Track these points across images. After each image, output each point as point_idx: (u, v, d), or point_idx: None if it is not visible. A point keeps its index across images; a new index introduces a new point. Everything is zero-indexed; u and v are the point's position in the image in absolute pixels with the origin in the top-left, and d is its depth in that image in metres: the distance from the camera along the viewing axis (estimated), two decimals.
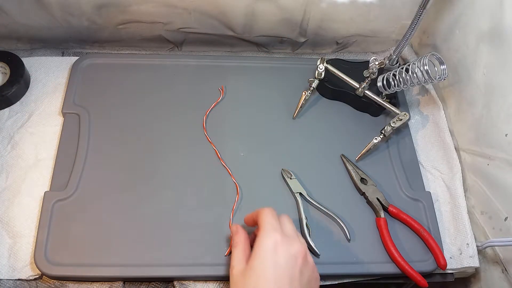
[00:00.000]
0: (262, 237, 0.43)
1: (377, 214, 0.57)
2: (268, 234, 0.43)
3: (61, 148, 0.60)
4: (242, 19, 0.68)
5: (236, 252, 0.45)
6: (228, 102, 0.66)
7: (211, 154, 0.61)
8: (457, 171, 0.62)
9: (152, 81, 0.67)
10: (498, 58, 0.54)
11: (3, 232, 0.54)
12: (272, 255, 0.42)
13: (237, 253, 0.45)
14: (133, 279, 0.52)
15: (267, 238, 0.43)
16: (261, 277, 0.41)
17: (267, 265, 0.41)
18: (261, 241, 0.43)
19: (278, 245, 0.42)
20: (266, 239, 0.43)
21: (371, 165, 0.61)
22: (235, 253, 0.45)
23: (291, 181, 0.58)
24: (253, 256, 0.43)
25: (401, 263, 0.53)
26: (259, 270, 0.41)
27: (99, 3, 0.63)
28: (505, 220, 0.53)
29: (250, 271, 0.42)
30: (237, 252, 0.45)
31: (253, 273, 0.41)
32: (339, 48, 0.77)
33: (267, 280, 0.40)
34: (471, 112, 0.61)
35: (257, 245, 0.43)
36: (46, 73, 0.68)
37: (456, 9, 0.63)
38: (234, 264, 0.44)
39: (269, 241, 0.42)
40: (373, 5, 0.66)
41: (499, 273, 0.55)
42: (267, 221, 0.44)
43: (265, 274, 0.41)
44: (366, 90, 0.63)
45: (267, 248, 0.42)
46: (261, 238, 0.43)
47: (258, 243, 0.43)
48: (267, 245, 0.42)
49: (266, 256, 0.42)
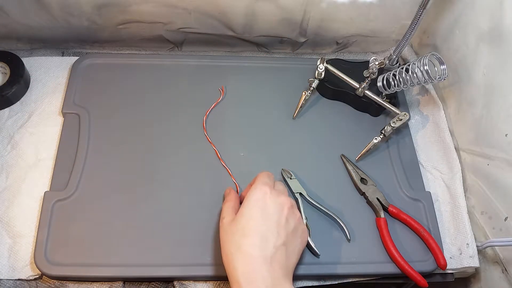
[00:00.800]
0: (252, 189, 0.47)
1: (377, 214, 0.57)
2: (259, 186, 0.46)
3: (61, 148, 0.60)
4: (242, 19, 0.68)
5: (226, 206, 0.49)
6: (228, 102, 0.66)
7: (211, 154, 0.61)
8: (457, 171, 0.62)
9: (152, 81, 0.67)
10: (498, 58, 0.54)
11: (3, 232, 0.54)
12: (261, 203, 0.45)
13: (226, 207, 0.48)
14: (133, 279, 0.52)
15: (257, 189, 0.46)
16: (250, 220, 0.44)
17: (255, 210, 0.45)
18: (251, 192, 0.46)
19: (267, 196, 0.46)
20: (256, 190, 0.46)
21: (371, 165, 0.61)
22: (225, 207, 0.48)
23: (291, 181, 0.58)
24: (242, 205, 0.46)
25: (401, 263, 0.53)
26: (247, 215, 0.45)
27: (99, 3, 0.63)
28: (505, 220, 0.53)
29: (239, 217, 0.45)
30: (227, 206, 0.48)
31: (242, 219, 0.45)
32: (339, 48, 0.77)
33: (255, 224, 0.44)
34: (471, 112, 0.61)
35: (247, 196, 0.46)
36: (46, 73, 0.68)
37: (456, 9, 0.63)
38: (224, 215, 0.47)
39: (259, 191, 0.46)
40: (373, 5, 0.66)
41: (499, 273, 0.55)
42: (260, 178, 0.48)
43: (253, 218, 0.44)
44: (366, 90, 0.63)
45: (257, 198, 0.46)
46: (252, 190, 0.47)
47: (248, 194, 0.46)
48: (257, 194, 0.46)
49: (254, 204, 0.45)
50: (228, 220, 0.46)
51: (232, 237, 0.44)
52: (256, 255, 0.41)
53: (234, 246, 0.43)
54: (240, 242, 0.43)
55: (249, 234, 0.43)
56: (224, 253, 0.44)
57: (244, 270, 0.41)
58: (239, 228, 0.44)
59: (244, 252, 0.42)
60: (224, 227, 0.46)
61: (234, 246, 0.43)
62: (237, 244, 0.43)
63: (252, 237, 0.43)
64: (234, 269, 0.41)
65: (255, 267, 0.41)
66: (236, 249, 0.42)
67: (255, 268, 0.41)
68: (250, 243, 0.42)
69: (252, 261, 0.41)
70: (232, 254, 0.42)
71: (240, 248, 0.42)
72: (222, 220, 0.47)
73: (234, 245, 0.43)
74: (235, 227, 0.44)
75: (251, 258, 0.41)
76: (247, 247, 0.42)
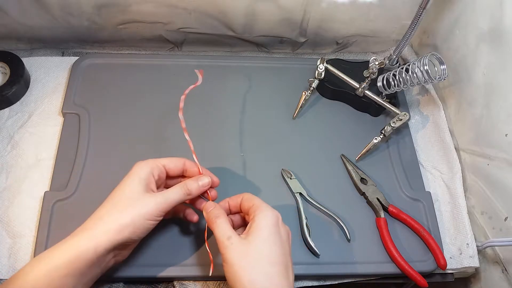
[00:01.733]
0: (266, 211, 0.44)
1: (377, 214, 0.57)
2: (271, 210, 0.44)
3: (61, 148, 0.60)
4: (242, 19, 0.68)
5: (221, 223, 0.44)
6: (228, 102, 0.66)
7: (211, 154, 0.61)
8: (457, 171, 0.62)
9: (152, 81, 0.67)
10: (498, 58, 0.54)
11: (3, 232, 0.54)
12: (277, 229, 0.43)
13: (222, 224, 0.44)
14: (133, 279, 0.52)
15: (271, 213, 0.44)
16: (273, 247, 0.42)
17: (276, 237, 0.42)
18: (267, 214, 0.43)
19: (279, 221, 0.44)
20: (272, 213, 0.44)
21: (371, 165, 0.61)
22: (221, 224, 0.44)
23: (291, 181, 0.58)
24: (259, 228, 0.42)
25: (401, 263, 0.53)
26: (270, 241, 0.42)
27: (99, 3, 0.63)
28: (505, 220, 0.53)
29: (261, 243, 0.42)
30: (223, 223, 0.44)
31: (264, 244, 0.42)
32: (339, 48, 0.77)
33: (279, 252, 0.42)
34: (471, 112, 0.61)
35: (262, 218, 0.43)
36: (46, 73, 0.68)
37: (456, 9, 0.63)
38: (227, 234, 0.43)
39: (273, 217, 0.44)
40: (373, 5, 0.66)
41: (499, 273, 0.55)
42: (262, 201, 0.46)
43: (276, 245, 0.42)
44: (366, 90, 0.63)
45: (274, 223, 0.43)
46: (265, 211, 0.44)
47: (263, 216, 0.43)
48: (274, 219, 0.43)
49: (274, 230, 0.43)
50: (237, 241, 0.42)
51: (256, 264, 0.41)
52: (285, 285, 0.41)
53: (262, 275, 0.40)
54: (269, 270, 0.41)
55: (276, 262, 0.41)
56: (245, 279, 0.40)
57: None
58: (263, 255, 0.41)
59: (276, 283, 0.40)
60: (237, 249, 0.41)
61: (262, 275, 0.40)
62: (266, 273, 0.41)
63: (280, 266, 0.41)
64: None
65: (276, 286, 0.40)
66: (265, 278, 0.40)
67: None
68: (279, 272, 0.41)
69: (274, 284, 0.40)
70: (261, 283, 0.40)
71: (271, 278, 0.40)
72: (229, 239, 0.42)
73: (261, 274, 0.40)
74: (256, 253, 0.41)
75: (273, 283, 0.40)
76: (277, 276, 0.41)
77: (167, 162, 0.48)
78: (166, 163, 0.48)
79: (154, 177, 0.47)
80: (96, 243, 0.41)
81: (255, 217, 0.43)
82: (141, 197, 0.44)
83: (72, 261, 0.40)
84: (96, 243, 0.41)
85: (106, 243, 0.41)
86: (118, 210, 0.43)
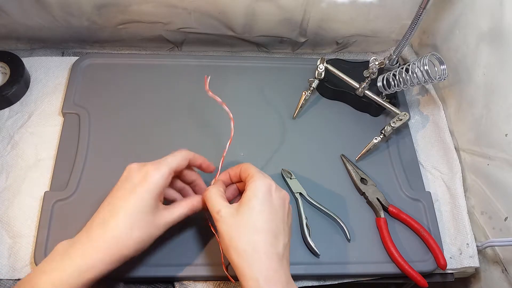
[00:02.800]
0: (258, 180, 0.44)
1: (377, 214, 0.57)
2: (263, 178, 0.44)
3: (61, 148, 0.60)
4: (242, 19, 0.68)
5: (213, 193, 0.45)
6: (228, 102, 0.66)
7: (211, 154, 0.61)
8: (457, 171, 0.62)
9: (152, 81, 0.67)
10: (498, 58, 0.54)
11: (3, 232, 0.54)
12: (268, 197, 0.43)
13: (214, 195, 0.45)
14: (133, 279, 0.52)
15: (262, 181, 0.44)
16: (260, 215, 0.42)
17: (265, 205, 0.43)
18: (257, 184, 0.44)
19: (272, 189, 0.44)
20: (262, 182, 0.44)
21: (371, 165, 0.61)
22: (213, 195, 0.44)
23: (291, 181, 0.58)
24: (247, 197, 0.43)
25: (401, 263, 0.53)
26: (257, 209, 0.42)
27: (99, 3, 0.63)
28: (505, 220, 0.53)
29: (248, 211, 0.42)
30: (215, 194, 0.45)
31: (251, 213, 0.42)
32: (339, 48, 0.77)
33: (266, 220, 0.42)
34: (471, 112, 0.61)
35: (253, 187, 0.43)
36: (46, 73, 0.68)
37: (456, 9, 0.63)
38: (217, 207, 0.43)
39: (264, 184, 0.44)
40: (373, 5, 0.66)
41: (499, 273, 0.55)
42: (257, 170, 0.46)
43: (263, 213, 0.42)
44: (366, 90, 0.63)
45: (264, 190, 0.43)
46: (257, 181, 0.44)
47: (253, 185, 0.44)
48: (264, 187, 0.44)
49: (263, 198, 0.43)
50: (227, 212, 0.43)
51: (243, 234, 0.41)
52: (271, 253, 0.41)
53: (248, 244, 0.41)
54: (254, 239, 0.41)
55: (262, 231, 0.42)
56: (232, 249, 0.41)
57: (261, 268, 0.40)
58: (249, 224, 0.42)
59: (260, 251, 0.41)
60: (227, 221, 0.42)
61: (248, 244, 0.41)
62: (251, 242, 0.41)
63: (266, 234, 0.41)
64: (249, 267, 0.40)
65: (271, 265, 0.40)
66: (251, 247, 0.41)
67: (272, 266, 0.40)
68: (265, 241, 0.41)
69: (268, 260, 0.41)
70: (246, 252, 0.41)
71: (256, 247, 0.41)
72: (218, 213, 0.43)
73: (248, 243, 0.41)
74: (243, 222, 0.42)
75: (267, 256, 0.41)
76: (263, 245, 0.41)
77: (177, 165, 0.46)
78: (176, 167, 0.46)
79: (165, 187, 0.45)
80: (110, 264, 0.41)
81: (247, 187, 0.44)
82: (155, 219, 0.43)
83: (88, 280, 0.40)
84: (111, 263, 0.41)
85: (116, 264, 0.42)
86: (135, 233, 0.42)
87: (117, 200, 0.43)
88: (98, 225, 0.42)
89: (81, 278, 0.40)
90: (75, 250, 0.41)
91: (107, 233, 0.41)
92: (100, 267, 0.40)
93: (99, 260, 0.40)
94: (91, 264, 0.40)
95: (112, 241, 0.41)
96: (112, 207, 0.43)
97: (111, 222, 0.42)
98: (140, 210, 0.42)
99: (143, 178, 0.43)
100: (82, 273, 0.40)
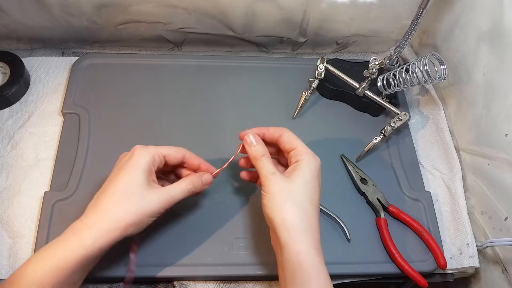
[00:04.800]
0: (311, 157, 0.46)
1: (377, 214, 0.57)
2: (315, 157, 0.46)
3: (61, 148, 0.60)
4: (242, 19, 0.68)
5: (266, 160, 0.46)
6: (228, 102, 0.66)
7: (211, 154, 0.61)
8: (457, 171, 0.62)
9: (152, 81, 0.67)
10: (498, 58, 0.54)
11: (3, 232, 0.54)
12: (319, 176, 0.46)
13: (269, 161, 0.46)
14: (133, 279, 0.52)
15: (315, 159, 0.46)
16: (314, 189, 0.44)
17: (316, 182, 0.45)
18: (311, 161, 0.45)
19: (320, 167, 0.46)
20: (315, 160, 0.46)
21: (371, 165, 0.61)
22: (267, 161, 0.46)
23: None
24: (303, 171, 0.45)
25: (401, 263, 0.53)
26: (313, 183, 0.45)
27: (99, 3, 0.63)
28: (505, 220, 0.53)
29: (305, 183, 0.44)
30: (267, 159, 0.47)
31: (307, 185, 0.44)
32: (339, 48, 0.77)
33: (317, 195, 0.45)
34: (471, 112, 0.61)
35: (306, 163, 0.45)
36: (46, 73, 0.68)
37: (456, 9, 0.63)
38: (270, 170, 0.45)
39: (317, 162, 0.46)
40: (373, 5, 0.66)
41: (499, 273, 0.55)
42: (304, 144, 0.47)
43: (316, 188, 0.45)
44: (366, 90, 0.63)
45: (317, 168, 0.46)
46: (310, 158, 0.46)
47: (307, 162, 0.45)
48: (317, 165, 0.46)
49: (316, 174, 0.45)
50: (280, 177, 0.44)
51: (297, 199, 0.43)
52: (317, 225, 0.44)
53: (301, 209, 0.42)
54: (308, 207, 0.43)
55: (315, 204, 0.44)
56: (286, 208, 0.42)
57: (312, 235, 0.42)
58: (305, 194, 0.43)
59: (311, 220, 0.43)
60: (281, 183, 0.44)
61: (301, 209, 0.42)
62: (305, 209, 0.43)
63: (317, 208, 0.44)
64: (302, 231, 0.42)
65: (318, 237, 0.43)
66: (304, 213, 0.43)
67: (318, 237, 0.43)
68: (315, 212, 0.44)
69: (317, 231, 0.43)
70: (299, 215, 0.42)
71: (309, 215, 0.43)
72: (273, 175, 0.44)
73: (301, 208, 0.43)
74: (298, 190, 0.43)
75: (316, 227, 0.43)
76: (314, 215, 0.43)
77: (168, 153, 0.48)
78: (166, 154, 0.48)
79: (154, 167, 0.46)
80: (101, 242, 0.42)
81: (300, 162, 0.45)
82: (145, 193, 0.44)
83: (80, 260, 0.41)
84: (102, 242, 0.42)
85: (111, 241, 0.42)
86: (123, 208, 0.43)
87: (107, 181, 0.45)
88: (90, 206, 0.44)
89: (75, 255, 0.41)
90: (68, 231, 0.43)
91: (97, 209, 0.43)
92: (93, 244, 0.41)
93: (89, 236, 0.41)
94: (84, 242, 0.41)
95: (101, 217, 0.42)
96: (103, 187, 0.45)
97: (101, 199, 0.44)
98: (127, 184, 0.44)
99: (130, 156, 0.46)
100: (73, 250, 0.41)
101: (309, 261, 0.40)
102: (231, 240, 0.54)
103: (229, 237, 0.54)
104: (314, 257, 0.41)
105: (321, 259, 0.42)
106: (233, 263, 0.52)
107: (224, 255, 0.53)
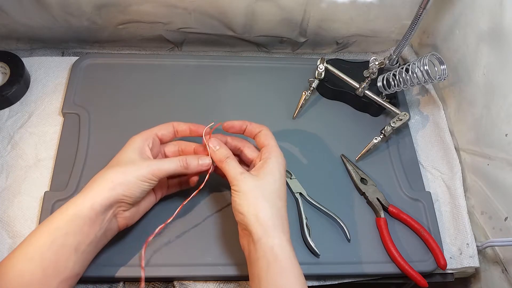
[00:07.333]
0: (280, 157, 0.48)
1: (377, 214, 0.57)
2: (282, 157, 0.49)
3: (61, 148, 0.60)
4: (242, 19, 0.68)
5: (232, 161, 0.48)
6: (228, 102, 0.66)
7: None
8: (457, 171, 0.62)
9: (152, 81, 0.67)
10: (498, 58, 0.54)
11: (3, 232, 0.54)
12: (284, 174, 0.48)
13: (234, 162, 0.48)
14: (133, 279, 0.52)
15: (283, 159, 0.49)
16: (281, 185, 0.47)
17: (283, 180, 0.47)
18: (278, 160, 0.48)
19: (284, 163, 0.49)
20: (282, 160, 0.48)
21: (371, 165, 0.61)
22: (233, 162, 0.48)
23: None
24: (271, 169, 0.47)
25: (401, 263, 0.53)
26: (281, 179, 0.47)
27: (99, 3, 0.63)
28: (505, 220, 0.53)
29: (272, 179, 0.46)
30: (234, 161, 0.48)
31: (276, 181, 0.46)
32: (339, 48, 0.77)
33: (284, 188, 0.47)
34: (471, 112, 0.61)
35: (275, 162, 0.47)
36: (46, 73, 0.68)
37: (456, 9, 0.63)
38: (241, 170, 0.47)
39: (284, 161, 0.49)
40: (373, 5, 0.66)
41: (499, 273, 0.55)
42: (276, 144, 0.50)
43: (283, 183, 0.47)
44: (366, 90, 0.63)
45: (283, 167, 0.48)
46: (279, 157, 0.48)
47: (275, 160, 0.48)
48: (283, 164, 0.48)
49: (282, 170, 0.48)
50: (249, 175, 0.46)
51: (268, 196, 0.45)
52: (286, 218, 0.46)
53: (272, 205, 0.45)
54: (278, 203, 0.45)
55: (284, 199, 0.46)
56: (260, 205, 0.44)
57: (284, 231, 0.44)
58: (274, 190, 0.46)
59: (281, 214, 0.45)
60: (251, 181, 0.45)
61: (272, 205, 0.45)
62: (275, 204, 0.45)
63: (285, 203, 0.46)
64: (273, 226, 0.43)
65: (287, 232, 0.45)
66: (275, 208, 0.45)
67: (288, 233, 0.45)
68: (284, 207, 0.46)
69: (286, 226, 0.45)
70: (271, 210, 0.44)
71: (279, 209, 0.45)
72: (241, 174, 0.46)
73: (272, 204, 0.45)
74: (268, 187, 0.45)
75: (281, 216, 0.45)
76: (283, 209, 0.46)
77: (158, 129, 0.52)
78: (157, 131, 0.51)
79: (148, 146, 0.49)
80: (91, 200, 0.44)
81: (269, 160, 0.47)
82: (135, 161, 0.47)
83: (71, 219, 0.43)
84: (91, 200, 0.44)
85: (101, 199, 0.44)
86: (111, 171, 0.46)
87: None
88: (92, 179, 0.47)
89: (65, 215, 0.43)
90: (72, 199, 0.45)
91: (92, 179, 0.47)
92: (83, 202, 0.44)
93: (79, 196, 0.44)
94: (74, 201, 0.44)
95: (92, 181, 0.46)
96: None
97: (100, 173, 0.47)
98: (119, 158, 0.48)
99: (127, 142, 0.50)
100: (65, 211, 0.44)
101: (284, 254, 0.42)
102: (231, 240, 0.54)
103: (229, 237, 0.54)
104: (289, 251, 0.43)
105: (294, 252, 0.43)
106: (233, 263, 0.52)
107: (224, 255, 0.53)
